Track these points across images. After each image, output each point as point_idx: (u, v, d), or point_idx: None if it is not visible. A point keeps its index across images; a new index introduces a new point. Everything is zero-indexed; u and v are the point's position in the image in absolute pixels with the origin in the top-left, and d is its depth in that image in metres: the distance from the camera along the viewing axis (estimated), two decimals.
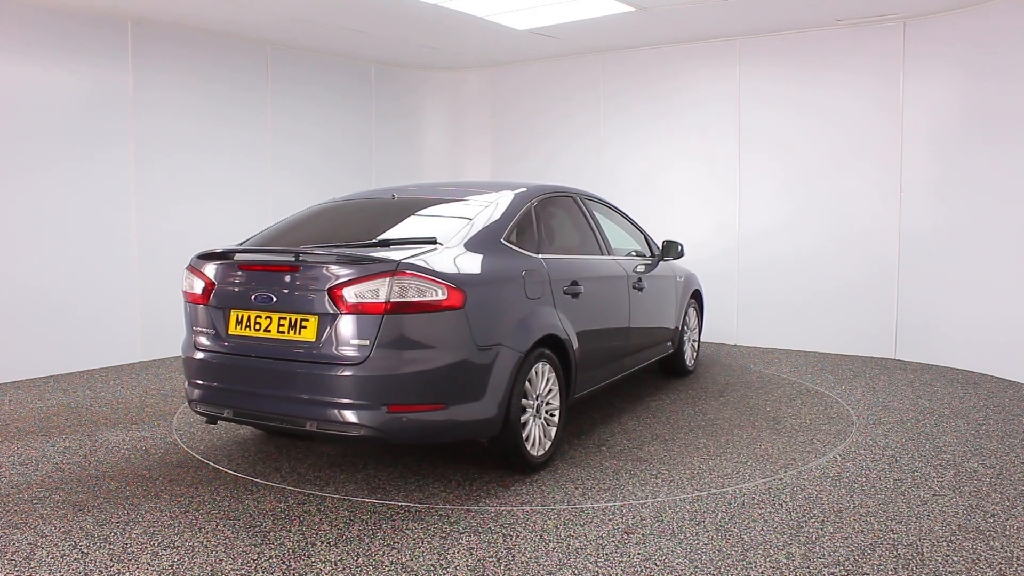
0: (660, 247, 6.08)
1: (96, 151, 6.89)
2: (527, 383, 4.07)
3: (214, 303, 3.99)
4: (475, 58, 9.10)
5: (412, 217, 4.35)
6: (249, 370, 3.85)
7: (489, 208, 4.33)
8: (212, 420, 4.09)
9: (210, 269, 4.05)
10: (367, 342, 3.57)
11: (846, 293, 7.53)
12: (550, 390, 4.28)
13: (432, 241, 3.89)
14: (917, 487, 3.99)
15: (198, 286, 4.06)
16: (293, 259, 3.79)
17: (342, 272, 3.63)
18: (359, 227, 4.39)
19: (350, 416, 3.59)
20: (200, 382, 4.04)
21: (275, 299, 3.77)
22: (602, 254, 5.24)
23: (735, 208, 8.06)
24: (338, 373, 3.60)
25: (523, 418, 4.05)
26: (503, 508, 3.71)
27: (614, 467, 4.29)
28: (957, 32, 6.80)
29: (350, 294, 3.58)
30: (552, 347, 4.30)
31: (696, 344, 6.91)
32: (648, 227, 6.46)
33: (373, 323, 3.55)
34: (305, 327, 3.71)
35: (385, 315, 3.54)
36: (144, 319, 7.23)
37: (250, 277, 3.90)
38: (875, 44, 7.24)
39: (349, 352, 3.60)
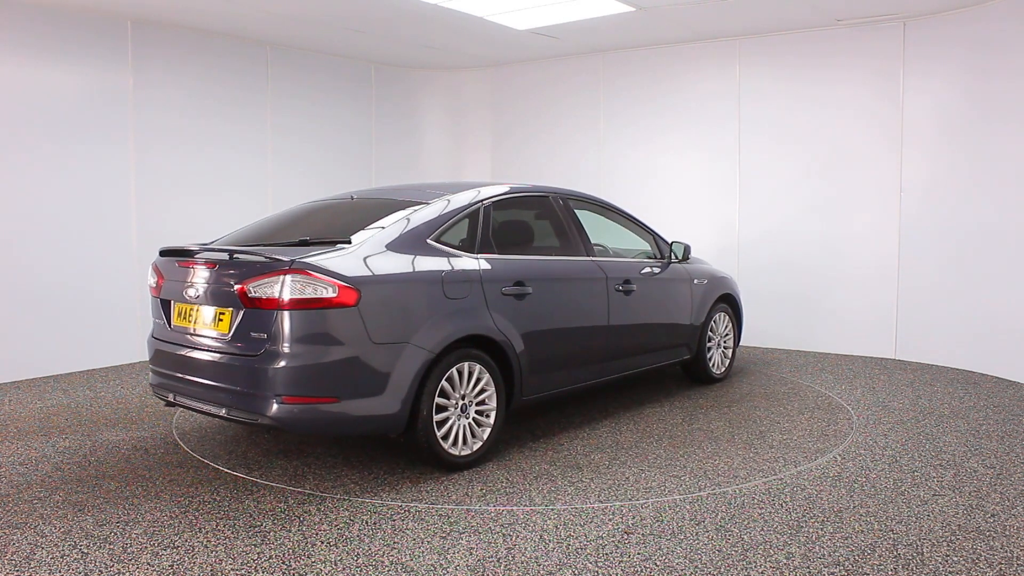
0: (672, 249, 5.97)
1: (96, 151, 6.88)
2: (446, 382, 4.12)
3: (163, 296, 4.39)
4: (475, 58, 9.09)
5: (358, 218, 4.43)
6: (185, 358, 4.18)
7: (427, 209, 4.38)
8: (170, 404, 4.36)
9: (163, 265, 4.43)
10: (264, 335, 3.80)
11: (846, 293, 7.53)
12: (482, 390, 4.31)
13: (347, 241, 4.02)
14: (917, 487, 3.99)
15: (155, 281, 4.47)
16: (213, 257, 4.09)
17: (247, 270, 3.88)
18: (306, 228, 4.56)
19: (250, 405, 3.84)
20: (155, 368, 4.44)
21: (200, 294, 4.10)
22: (580, 255, 5.13)
23: (735, 208, 8.06)
24: (241, 364, 3.87)
25: (442, 416, 4.12)
26: (453, 507, 3.72)
27: (539, 471, 4.23)
28: (957, 32, 6.80)
29: (250, 290, 3.82)
30: (486, 348, 4.34)
31: (729, 351, 6.58)
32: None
33: (269, 318, 3.79)
34: (222, 320, 4.00)
35: (279, 310, 3.75)
36: (144, 319, 7.21)
37: (185, 273, 4.21)
38: (875, 44, 7.23)
39: (250, 344, 3.86)
